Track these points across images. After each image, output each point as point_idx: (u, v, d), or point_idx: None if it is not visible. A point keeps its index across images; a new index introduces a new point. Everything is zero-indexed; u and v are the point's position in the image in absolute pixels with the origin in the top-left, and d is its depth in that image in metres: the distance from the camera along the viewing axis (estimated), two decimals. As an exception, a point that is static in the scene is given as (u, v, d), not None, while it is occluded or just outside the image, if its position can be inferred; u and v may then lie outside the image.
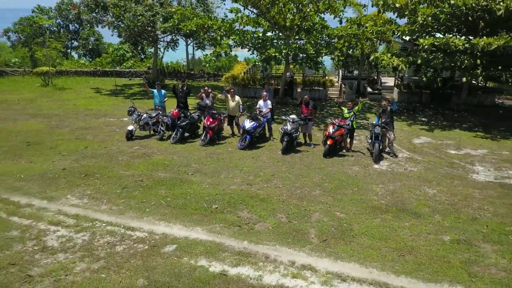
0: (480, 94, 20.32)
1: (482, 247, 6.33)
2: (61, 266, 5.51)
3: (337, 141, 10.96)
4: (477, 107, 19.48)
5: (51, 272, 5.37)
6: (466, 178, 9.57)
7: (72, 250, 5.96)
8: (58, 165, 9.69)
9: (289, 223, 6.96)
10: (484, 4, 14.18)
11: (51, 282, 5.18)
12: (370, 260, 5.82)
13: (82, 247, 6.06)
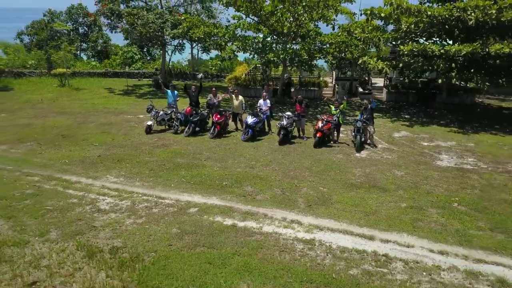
0: (462, 94, 22.33)
1: (429, 211, 8.37)
2: (115, 221, 7.55)
3: (325, 134, 13.00)
4: (458, 105, 21.51)
5: (108, 225, 7.41)
6: (431, 164, 11.61)
7: (120, 211, 8.00)
8: (93, 153, 11.74)
9: (283, 194, 9.00)
10: (456, 15, 16.21)
11: (110, 230, 7.22)
12: (342, 218, 7.86)
13: (127, 209, 8.10)
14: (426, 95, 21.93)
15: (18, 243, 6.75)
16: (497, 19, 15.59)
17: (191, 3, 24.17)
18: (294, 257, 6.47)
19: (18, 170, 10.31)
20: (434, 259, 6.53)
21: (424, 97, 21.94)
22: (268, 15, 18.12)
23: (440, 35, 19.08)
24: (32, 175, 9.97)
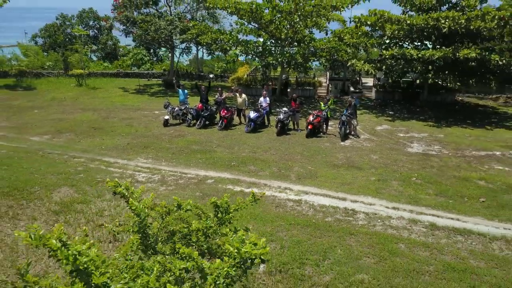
0: (443, 93, 24.78)
1: (392, 183, 10.85)
2: (151, 188, 10.03)
3: (316, 126, 15.49)
4: (439, 103, 23.96)
5: (147, 191, 9.88)
6: (402, 150, 14.10)
7: (154, 182, 10.48)
8: (122, 141, 14.23)
9: (279, 171, 11.48)
10: (432, 23, 18.67)
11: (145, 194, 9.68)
12: (323, 186, 10.35)
13: (159, 181, 10.58)
14: (410, 93, 24.39)
15: (84, 201, 9.24)
16: (466, 28, 18.09)
17: (197, 9, 26.61)
18: (286, 210, 8.96)
19: (66, 154, 12.79)
20: (388, 212, 9.02)
21: (409, 95, 24.40)
22: (268, 22, 20.57)
23: (421, 40, 21.58)
24: (77, 157, 12.46)
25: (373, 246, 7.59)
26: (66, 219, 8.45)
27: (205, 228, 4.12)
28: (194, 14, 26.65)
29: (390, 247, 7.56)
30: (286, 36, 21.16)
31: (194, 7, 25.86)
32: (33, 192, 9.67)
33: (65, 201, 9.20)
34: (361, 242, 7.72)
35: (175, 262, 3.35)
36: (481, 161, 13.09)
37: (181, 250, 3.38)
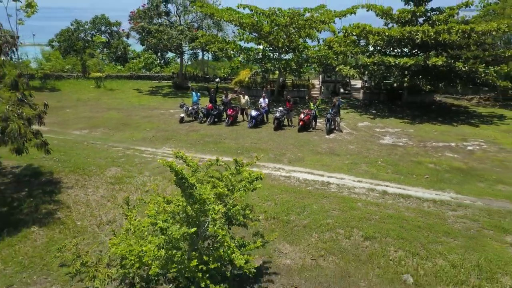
0: (422, 94, 28.06)
1: (361, 165, 14.21)
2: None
3: (306, 122, 18.83)
4: (419, 103, 27.23)
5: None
6: (375, 142, 17.46)
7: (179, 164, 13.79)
8: (148, 134, 17.58)
9: (274, 157, 14.84)
10: (407, 35, 21.99)
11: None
12: (308, 167, 13.70)
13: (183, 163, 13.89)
14: (393, 95, 27.70)
15: (130, 176, 12.59)
16: (435, 39, 21.46)
17: (204, 18, 29.86)
18: (279, 182, 12.33)
19: (105, 144, 16.14)
20: (353, 184, 12.40)
21: (391, 96, 27.72)
22: (267, 33, 23.87)
23: (401, 48, 24.93)
24: (115, 146, 15.82)
25: (339, 204, 10.97)
26: (120, 187, 11.83)
27: (231, 174, 7.48)
28: (201, 23, 29.94)
29: (351, 204, 10.94)
30: (283, 44, 24.48)
31: (201, 17, 29.15)
32: (91, 170, 13.04)
33: (117, 176, 12.58)
34: (331, 201, 11.10)
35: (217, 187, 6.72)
36: (437, 150, 16.47)
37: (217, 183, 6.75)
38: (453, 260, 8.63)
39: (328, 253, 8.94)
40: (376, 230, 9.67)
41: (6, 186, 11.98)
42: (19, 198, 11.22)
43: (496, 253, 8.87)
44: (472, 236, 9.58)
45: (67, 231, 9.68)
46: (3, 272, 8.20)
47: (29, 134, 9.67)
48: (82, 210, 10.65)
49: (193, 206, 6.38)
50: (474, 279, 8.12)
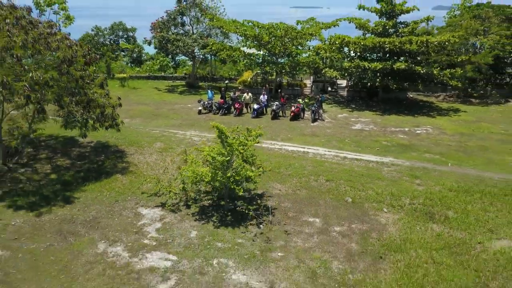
0: (397, 92, 33.83)
1: (332, 142, 20.04)
2: (202, 142, 19.18)
3: (296, 114, 24.67)
4: (393, 99, 32.96)
5: (201, 144, 19.03)
6: (348, 128, 23.31)
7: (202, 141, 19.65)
8: (176, 122, 23.41)
9: (271, 137, 20.67)
10: (378, 45, 27.80)
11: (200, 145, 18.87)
12: (295, 143, 19.55)
13: (207, 140, 19.75)
14: (372, 92, 33.49)
15: (171, 148, 18.43)
16: (400, 48, 27.30)
17: (213, 28, 35.55)
18: (273, 152, 18.19)
19: (146, 128, 21.95)
20: (325, 153, 18.26)
21: (371, 94, 33.51)
22: (266, 42, 29.69)
23: (376, 54, 30.75)
24: (154, 130, 21.62)
25: (312, 163, 16.83)
26: (166, 154, 17.68)
27: (244, 136, 13.33)
28: (210, 32, 35.64)
29: (320, 163, 16.80)
30: (279, 51, 30.28)
31: (211, 27, 34.83)
32: (143, 144, 18.89)
33: (162, 147, 18.44)
34: (307, 162, 16.96)
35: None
36: (392, 133, 22.34)
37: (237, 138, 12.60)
38: (378, 191, 14.49)
39: (302, 187, 14.80)
40: (334, 177, 15.53)
41: (89, 153, 17.84)
42: (101, 160, 17.08)
43: (405, 188, 14.74)
44: (394, 180, 15.45)
45: (140, 176, 15.53)
46: (110, 195, 14.05)
47: (116, 116, 15.52)
48: (145, 166, 16.50)
49: (226, 148, 12.21)
50: (388, 199, 13.97)
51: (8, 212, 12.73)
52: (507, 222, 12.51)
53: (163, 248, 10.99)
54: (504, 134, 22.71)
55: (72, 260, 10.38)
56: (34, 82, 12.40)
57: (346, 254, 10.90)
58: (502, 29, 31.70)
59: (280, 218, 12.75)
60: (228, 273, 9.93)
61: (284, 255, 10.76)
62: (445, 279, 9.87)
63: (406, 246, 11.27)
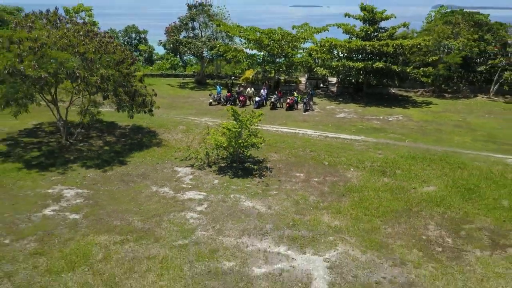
0: (381, 87, 39.16)
1: (319, 125, 25.42)
2: (215, 124, 24.52)
3: (291, 105, 30.05)
4: (377, 94, 38.27)
5: (217, 126, 24.38)
6: (332, 116, 28.68)
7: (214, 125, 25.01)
8: (192, 111, 28.76)
9: (270, 123, 26.02)
10: (361, 47, 33.13)
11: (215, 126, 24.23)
12: (288, 126, 24.92)
13: (216, 125, 25.10)
14: (358, 88, 38.83)
15: (191, 129, 23.80)
16: (379, 50, 32.64)
17: (219, 32, 40.77)
18: (271, 132, 23.57)
19: (168, 116, 27.20)
20: (311, 133, 23.64)
21: (356, 89, 38.85)
22: (266, 45, 35.01)
23: (361, 55, 36.07)
24: (175, 117, 26.92)
25: (301, 140, 22.21)
26: (189, 133, 23.03)
27: (250, 115, 18.69)
28: (217, 35, 40.89)
29: (307, 140, 22.18)
30: (277, 52, 35.61)
31: (217, 30, 40.06)
32: (169, 126, 24.26)
33: (185, 129, 23.81)
34: (297, 139, 22.34)
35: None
36: (369, 120, 27.71)
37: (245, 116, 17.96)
38: (348, 157, 19.84)
39: (292, 156, 20.17)
40: (316, 149, 20.89)
41: (128, 133, 23.19)
42: (139, 137, 22.44)
43: (368, 155, 20.09)
44: (361, 151, 20.81)
45: (171, 148, 20.88)
46: (152, 160, 19.39)
47: (153, 103, 20.86)
48: (174, 142, 21.84)
49: (238, 123, 17.58)
50: (355, 163, 19.31)
51: (82, 169, 18.08)
52: (436, 176, 17.87)
53: (196, 189, 16.35)
54: (460, 121, 28.11)
55: (136, 195, 15.72)
56: (102, 77, 17.74)
57: (320, 193, 16.25)
58: (469, 34, 37.05)
59: (275, 173, 18.11)
60: (241, 201, 15.28)
61: (277, 193, 16.12)
62: (383, 206, 15.21)
63: (362, 189, 16.63)
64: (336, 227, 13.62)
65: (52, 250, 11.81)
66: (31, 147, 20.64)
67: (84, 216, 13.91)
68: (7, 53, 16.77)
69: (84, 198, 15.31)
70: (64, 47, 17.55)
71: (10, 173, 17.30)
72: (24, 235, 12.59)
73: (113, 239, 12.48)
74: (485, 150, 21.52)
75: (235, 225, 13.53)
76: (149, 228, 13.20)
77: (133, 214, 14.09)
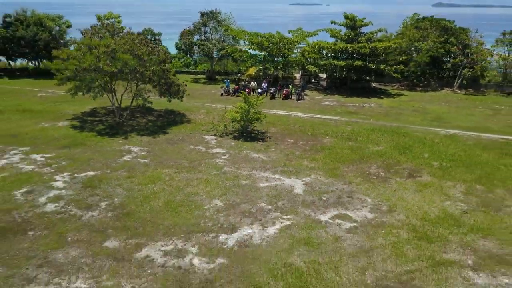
0: (363, 82, 47.13)
1: (306, 110, 33.50)
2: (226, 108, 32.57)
3: (286, 95, 38.12)
4: (360, 88, 46.16)
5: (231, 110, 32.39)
6: (319, 104, 36.77)
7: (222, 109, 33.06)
8: (207, 100, 36.81)
9: (269, 108, 34.06)
10: (344, 49, 41.13)
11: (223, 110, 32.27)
12: (284, 110, 32.99)
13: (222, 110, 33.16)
14: (343, 82, 46.88)
15: (212, 111, 31.88)
16: (358, 51, 40.70)
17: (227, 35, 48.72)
18: (271, 114, 31.63)
19: (189, 103, 35.28)
20: (301, 115, 31.73)
21: (342, 83, 46.89)
22: (266, 47, 43.04)
23: (346, 55, 44.13)
24: (195, 104, 34.96)
25: (293, 119, 30.31)
26: (209, 114, 31.12)
27: (255, 99, 26.79)
28: (224, 38, 48.83)
29: (297, 119, 30.30)
30: (275, 53, 43.65)
31: (225, 34, 48.03)
32: (193, 110, 32.35)
33: (206, 112, 31.90)
34: (290, 118, 30.45)
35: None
36: (347, 106, 35.79)
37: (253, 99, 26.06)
38: (325, 130, 27.91)
39: (286, 129, 28.27)
40: (303, 124, 28.97)
41: (163, 115, 31.25)
42: (172, 117, 30.50)
43: (341, 129, 28.18)
44: (336, 126, 28.88)
45: (198, 124, 28.93)
46: (185, 131, 27.45)
47: (186, 91, 28.93)
48: (199, 120, 29.88)
49: (247, 104, 25.68)
50: (330, 133, 27.38)
51: (138, 137, 26.10)
52: (385, 141, 25.89)
53: (220, 147, 24.38)
54: (419, 108, 36.19)
55: (180, 150, 23.75)
56: (153, 72, 25.77)
57: (303, 150, 24.29)
58: (435, 37, 45.09)
59: (273, 139, 26.15)
60: (250, 154, 23.31)
61: (274, 150, 24.16)
62: (344, 157, 23.19)
63: (332, 148, 24.65)
64: (311, 167, 21.67)
65: (138, 175, 19.86)
66: (95, 123, 28.74)
67: (150, 160, 21.98)
68: (89, 56, 24.82)
69: (146, 151, 23.39)
70: (126, 51, 25.59)
71: (90, 138, 25.38)
72: (117, 169, 20.64)
73: (173, 171, 20.53)
74: (428, 126, 29.62)
75: (247, 165, 21.59)
76: (194, 166, 21.27)
77: (182, 160, 22.15)
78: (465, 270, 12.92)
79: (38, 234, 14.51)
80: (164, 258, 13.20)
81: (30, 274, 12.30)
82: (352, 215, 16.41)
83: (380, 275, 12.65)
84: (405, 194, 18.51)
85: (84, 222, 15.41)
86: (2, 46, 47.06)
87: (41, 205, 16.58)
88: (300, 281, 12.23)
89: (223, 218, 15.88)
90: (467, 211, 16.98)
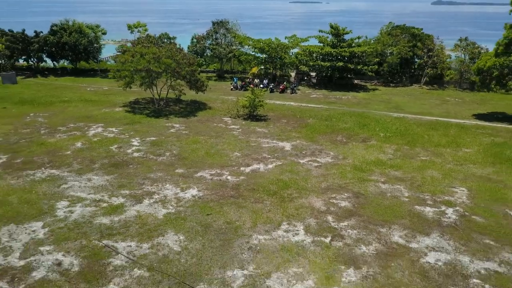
0: (347, 79, 57.99)
1: (298, 100, 44.49)
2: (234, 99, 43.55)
3: (283, 90, 49.11)
4: (344, 84, 57.04)
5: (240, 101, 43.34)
6: (308, 96, 47.76)
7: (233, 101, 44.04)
8: (221, 94, 47.75)
9: (269, 99, 45.03)
10: (329, 52, 52.04)
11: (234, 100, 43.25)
12: (280, 101, 43.97)
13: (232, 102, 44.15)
14: (329, 79, 57.79)
15: (226, 101, 42.87)
16: (340, 54, 51.67)
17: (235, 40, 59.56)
18: (270, 104, 42.63)
19: (208, 95, 46.22)
20: (294, 104, 42.72)
21: (329, 80, 57.81)
22: (266, 50, 53.96)
23: (332, 57, 55.12)
24: (212, 97, 45.91)
25: (287, 107, 41.34)
26: (224, 104, 42.15)
27: (259, 91, 37.85)
28: (233, 43, 59.68)
29: (290, 107, 41.32)
30: (274, 56, 54.58)
31: (233, 39, 58.88)
32: (212, 100, 43.37)
33: (221, 101, 42.89)
34: (285, 106, 41.49)
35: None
36: (329, 98, 46.79)
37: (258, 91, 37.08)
38: (310, 114, 38.90)
39: (281, 114, 39.27)
40: (294, 111, 39.97)
41: (190, 104, 42.20)
42: (197, 105, 41.47)
43: (320, 113, 39.20)
44: (318, 111, 39.88)
45: (217, 110, 39.90)
46: (209, 115, 38.44)
47: (207, 85, 39.94)
48: (217, 107, 40.82)
49: (253, 94, 36.73)
50: (313, 116, 38.39)
51: (175, 118, 37.07)
52: (351, 121, 36.80)
53: (233, 124, 35.36)
54: (386, 99, 47.17)
55: (207, 126, 34.69)
56: (187, 72, 36.73)
57: (293, 127, 35.23)
58: (405, 42, 56.00)
59: (272, 120, 37.11)
60: (256, 129, 34.26)
61: (273, 126, 35.14)
62: (321, 130, 34.12)
63: (313, 125, 35.68)
64: (297, 136, 32.62)
65: (183, 140, 30.86)
66: (142, 109, 39.75)
67: (189, 132, 32.95)
68: (142, 60, 35.80)
69: (184, 127, 34.37)
70: (167, 57, 36.54)
71: (142, 118, 36.38)
72: (169, 136, 31.68)
73: (206, 138, 31.48)
74: (386, 111, 40.61)
75: (254, 135, 32.57)
76: (219, 135, 32.24)
77: (210, 132, 33.13)
78: (378, 183, 23.91)
79: (135, 166, 25.50)
80: (211, 177, 24.20)
81: (140, 182, 23.30)
82: (319, 160, 27.43)
83: (329, 184, 23.66)
84: (356, 150, 29.51)
85: (159, 161, 26.42)
86: (50, 50, 57.94)
87: (129, 153, 27.60)
88: (285, 185, 23.23)
89: (241, 160, 26.91)
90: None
